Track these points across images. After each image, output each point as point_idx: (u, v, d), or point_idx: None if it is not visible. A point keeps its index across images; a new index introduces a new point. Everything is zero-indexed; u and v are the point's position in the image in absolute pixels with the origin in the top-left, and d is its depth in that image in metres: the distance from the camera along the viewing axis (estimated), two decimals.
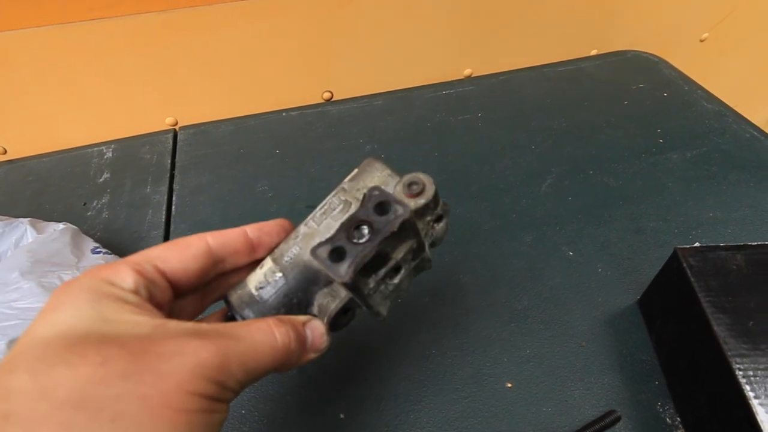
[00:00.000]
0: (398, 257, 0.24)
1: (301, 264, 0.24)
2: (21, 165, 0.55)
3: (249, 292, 0.24)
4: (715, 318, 0.29)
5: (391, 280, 0.25)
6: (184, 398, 0.17)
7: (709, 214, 0.46)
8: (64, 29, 0.49)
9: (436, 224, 0.26)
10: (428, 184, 0.24)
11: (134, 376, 0.17)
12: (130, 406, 0.16)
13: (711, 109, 0.59)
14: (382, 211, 0.23)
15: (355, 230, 0.22)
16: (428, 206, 0.24)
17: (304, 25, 0.57)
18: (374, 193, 0.23)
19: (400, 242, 0.24)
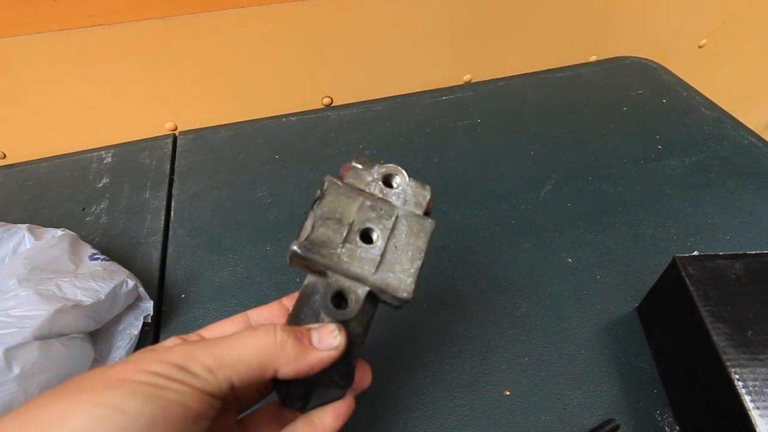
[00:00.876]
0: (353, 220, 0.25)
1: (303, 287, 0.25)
2: (20, 170, 0.55)
3: None
4: (714, 327, 0.29)
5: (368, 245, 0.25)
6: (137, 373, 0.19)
7: (708, 220, 0.46)
8: (64, 35, 0.49)
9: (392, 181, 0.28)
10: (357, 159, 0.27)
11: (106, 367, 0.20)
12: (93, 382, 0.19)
13: (709, 115, 0.59)
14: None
15: None
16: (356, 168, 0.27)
17: (303, 31, 0.57)
18: None
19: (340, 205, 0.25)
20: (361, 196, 0.25)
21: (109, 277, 0.36)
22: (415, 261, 0.25)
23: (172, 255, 0.45)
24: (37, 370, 0.30)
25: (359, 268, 0.24)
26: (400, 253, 0.25)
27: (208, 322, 0.38)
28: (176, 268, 0.44)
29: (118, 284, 0.36)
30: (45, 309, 0.31)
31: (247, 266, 0.44)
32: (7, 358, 0.29)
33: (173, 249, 0.46)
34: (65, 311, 0.32)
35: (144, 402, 0.18)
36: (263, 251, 0.45)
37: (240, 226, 0.47)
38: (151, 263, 0.44)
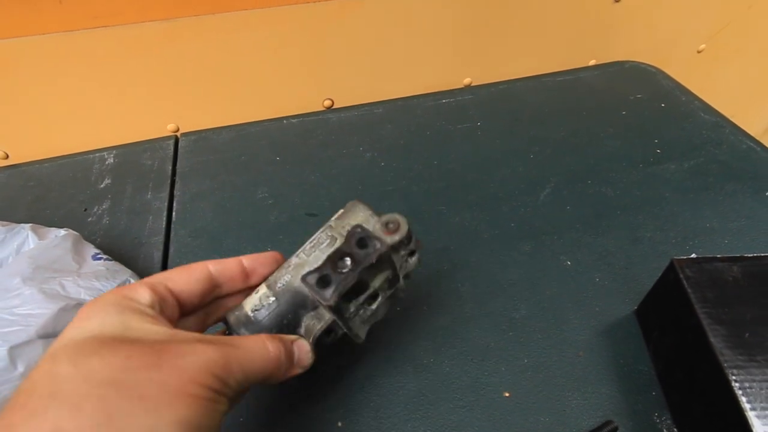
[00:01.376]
0: (376, 285, 0.29)
1: (292, 290, 0.28)
2: (22, 170, 0.55)
3: (245, 314, 0.27)
4: (712, 329, 0.30)
5: (369, 306, 0.30)
6: (195, 387, 0.21)
7: (706, 224, 0.46)
8: (68, 37, 0.49)
9: (410, 258, 0.31)
10: (402, 223, 0.28)
11: (155, 367, 0.21)
12: (152, 390, 0.20)
13: (708, 119, 0.59)
14: (362, 245, 0.27)
15: (340, 261, 0.27)
16: (402, 242, 0.29)
17: (305, 34, 0.58)
18: (356, 230, 0.27)
19: (377, 272, 0.28)
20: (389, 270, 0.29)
21: (112, 277, 0.36)
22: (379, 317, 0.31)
23: (173, 255, 0.45)
24: None
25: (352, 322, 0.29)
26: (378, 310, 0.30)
27: None
28: None
29: (121, 283, 0.36)
30: (49, 307, 0.31)
31: None
32: (11, 356, 0.29)
33: (175, 249, 0.46)
34: (69, 310, 0.32)
35: (202, 415, 0.21)
36: None
37: (241, 227, 0.48)
38: (152, 263, 0.44)
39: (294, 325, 0.28)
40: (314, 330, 0.28)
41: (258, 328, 0.27)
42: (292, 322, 0.28)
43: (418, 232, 0.46)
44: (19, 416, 0.19)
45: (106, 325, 0.22)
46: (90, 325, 0.22)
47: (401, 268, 0.30)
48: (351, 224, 0.29)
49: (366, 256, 0.27)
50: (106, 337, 0.22)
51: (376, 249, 0.27)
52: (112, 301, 0.24)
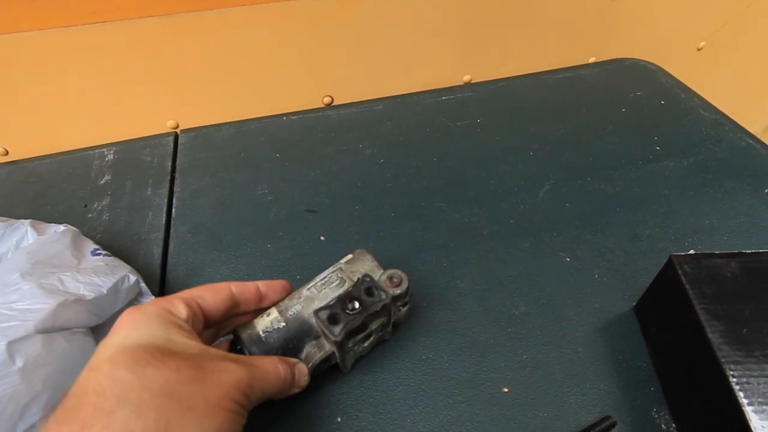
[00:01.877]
0: (373, 328, 0.34)
1: (301, 319, 0.32)
2: (22, 166, 0.55)
3: (257, 333, 0.31)
4: (710, 325, 0.30)
5: (362, 344, 0.34)
6: (229, 402, 0.25)
7: (705, 221, 0.46)
8: (67, 32, 0.49)
9: (402, 308, 0.36)
10: (404, 279, 0.33)
11: (199, 382, 0.24)
12: (198, 402, 0.24)
13: (708, 117, 0.59)
14: (370, 293, 0.32)
15: (349, 303, 0.32)
16: (402, 295, 0.34)
17: (305, 30, 0.58)
18: (366, 279, 0.33)
19: (376, 318, 0.33)
20: (386, 317, 0.34)
21: (111, 272, 0.36)
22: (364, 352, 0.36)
23: (173, 252, 0.45)
24: (40, 363, 0.30)
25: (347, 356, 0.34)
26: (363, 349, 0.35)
27: None
28: (178, 264, 0.44)
29: (120, 279, 0.36)
30: (48, 303, 0.31)
31: (247, 263, 0.44)
32: (9, 351, 0.29)
33: (174, 246, 0.46)
34: (68, 305, 0.32)
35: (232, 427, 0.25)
36: (264, 249, 0.45)
37: (241, 224, 0.48)
38: (152, 260, 0.44)
39: (297, 349, 0.32)
40: (314, 357, 0.32)
41: (266, 348, 0.31)
42: (296, 347, 0.32)
43: (417, 228, 0.46)
44: (93, 415, 0.21)
45: (153, 336, 0.25)
46: (138, 334, 0.25)
47: (393, 315, 0.35)
48: (360, 272, 0.34)
49: (372, 304, 0.32)
50: (153, 347, 0.25)
51: (381, 299, 0.32)
52: (155, 313, 0.27)
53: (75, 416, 0.21)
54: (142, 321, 0.26)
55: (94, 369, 0.24)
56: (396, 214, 0.48)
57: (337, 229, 0.47)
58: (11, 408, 0.28)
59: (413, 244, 0.45)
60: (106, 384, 0.22)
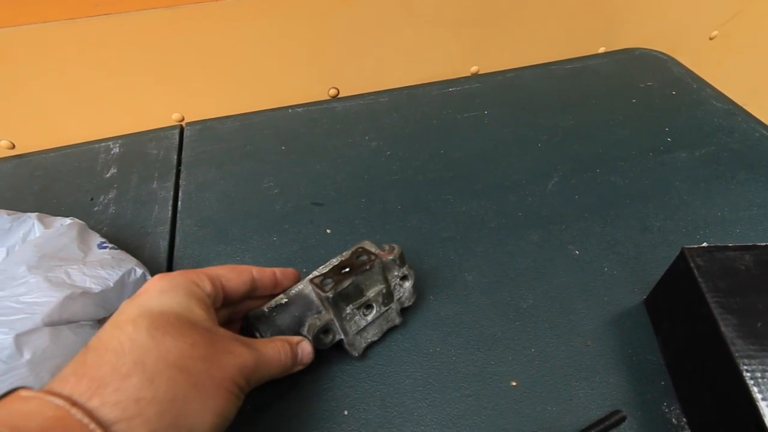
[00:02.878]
0: (370, 296, 0.34)
1: (302, 294, 0.34)
2: (29, 160, 0.55)
3: (263, 311, 0.33)
4: (723, 319, 0.29)
5: (364, 316, 0.35)
6: (231, 384, 0.26)
7: (717, 213, 0.45)
8: (71, 25, 0.49)
9: (403, 282, 0.37)
10: (397, 247, 0.36)
11: (209, 360, 0.26)
12: (205, 380, 0.25)
13: (720, 107, 0.58)
14: (359, 256, 0.34)
15: (342, 270, 0.33)
16: (395, 261, 0.35)
17: (310, 22, 0.57)
18: (358, 249, 0.35)
19: (371, 283, 0.34)
20: (382, 284, 0.35)
21: (117, 265, 0.36)
22: (374, 337, 0.36)
23: (179, 245, 0.45)
24: (48, 356, 0.30)
25: (349, 326, 0.34)
26: (373, 327, 0.36)
27: None
28: (184, 257, 0.44)
29: (127, 272, 0.36)
30: (54, 295, 0.31)
31: (253, 256, 0.44)
32: (17, 344, 0.29)
33: (181, 239, 0.46)
34: (74, 298, 0.32)
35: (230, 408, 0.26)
36: (270, 241, 0.45)
37: (247, 217, 0.47)
38: (159, 253, 0.44)
39: (299, 323, 0.33)
40: (315, 327, 0.33)
41: (271, 322, 0.33)
42: (298, 320, 0.33)
43: (424, 221, 0.46)
44: (109, 375, 0.23)
45: (176, 305, 0.27)
46: (163, 299, 0.27)
47: (395, 290, 0.36)
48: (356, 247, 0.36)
49: (361, 264, 0.33)
50: (174, 315, 0.26)
51: (370, 259, 0.34)
52: (182, 283, 0.28)
53: (94, 372, 0.23)
54: (169, 287, 0.27)
55: (117, 327, 0.25)
56: (402, 206, 0.48)
57: (343, 221, 0.46)
58: None
59: (420, 236, 0.45)
60: (127, 346, 0.24)
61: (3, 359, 0.29)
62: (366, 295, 0.34)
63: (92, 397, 0.22)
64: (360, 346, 0.35)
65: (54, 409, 0.21)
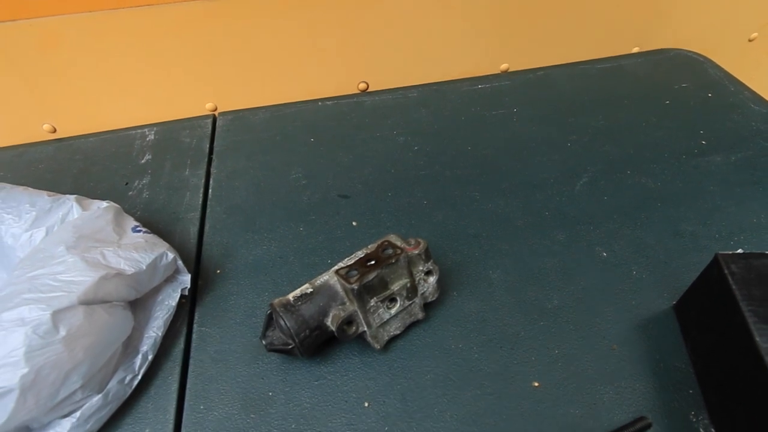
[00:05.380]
0: (395, 290, 0.35)
1: (327, 285, 0.34)
2: (69, 144, 0.57)
3: (288, 299, 0.34)
4: (758, 328, 0.28)
5: (387, 309, 0.35)
6: None
7: (753, 219, 0.44)
8: (115, 14, 0.50)
9: (428, 277, 0.37)
10: (423, 242, 0.36)
11: None
12: None
13: (758, 111, 0.56)
14: (385, 249, 0.35)
15: (368, 263, 0.34)
16: (420, 256, 0.36)
17: (341, 16, 0.57)
18: (384, 243, 0.35)
19: (396, 277, 0.35)
20: (407, 278, 0.35)
21: (150, 249, 0.37)
22: (397, 330, 0.36)
23: (209, 231, 0.46)
24: (82, 333, 0.31)
25: (373, 318, 0.35)
26: (396, 321, 0.36)
27: (241, 299, 0.40)
28: (212, 244, 0.45)
29: (159, 256, 0.37)
30: (90, 275, 0.32)
31: (280, 245, 0.44)
32: (54, 320, 0.30)
33: (210, 225, 0.47)
34: (109, 279, 0.33)
35: None
36: (296, 231, 0.46)
37: (275, 206, 0.48)
38: (188, 238, 0.45)
39: (323, 313, 0.33)
40: (339, 318, 0.33)
41: (294, 311, 0.33)
42: (322, 310, 0.33)
43: (449, 217, 0.46)
44: None
45: None
46: None
47: (419, 285, 0.36)
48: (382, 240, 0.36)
49: (387, 257, 0.34)
50: None
51: (396, 254, 0.34)
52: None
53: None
54: None
55: None
56: (428, 201, 0.48)
57: (369, 214, 0.47)
58: (54, 374, 0.29)
59: (445, 232, 0.45)
60: None
61: (40, 334, 0.30)
62: (390, 289, 0.34)
63: None
64: (382, 339, 0.36)
65: None
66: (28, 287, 0.32)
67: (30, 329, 0.29)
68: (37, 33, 0.50)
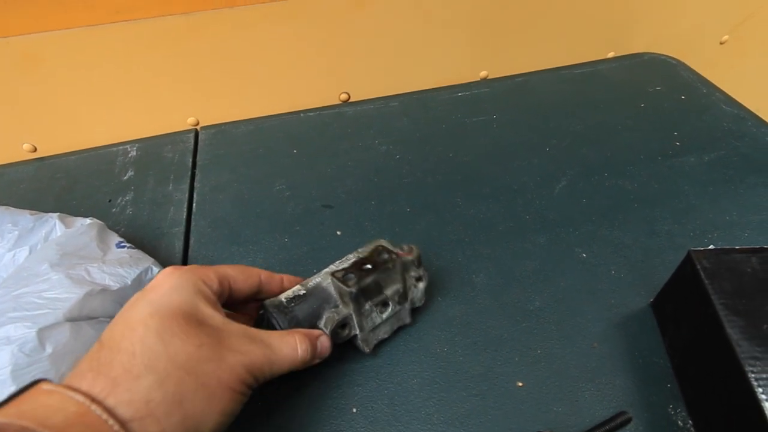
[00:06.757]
0: (388, 294, 0.35)
1: (320, 287, 0.34)
2: (50, 163, 0.57)
3: (280, 300, 0.33)
4: (729, 320, 0.29)
5: (380, 313, 0.35)
6: (238, 383, 0.27)
7: (726, 217, 0.45)
8: (92, 31, 0.51)
9: (418, 283, 0.37)
10: (416, 249, 0.36)
11: (216, 361, 0.26)
12: (212, 381, 0.26)
13: (730, 112, 0.58)
14: (380, 254, 0.35)
15: (363, 266, 0.34)
16: (413, 262, 0.36)
17: (322, 28, 0.58)
18: (379, 247, 0.35)
19: (390, 282, 0.35)
20: (400, 283, 0.36)
21: (135, 264, 0.37)
22: (385, 335, 0.37)
23: (194, 245, 0.46)
24: (68, 350, 0.31)
25: (365, 322, 0.35)
26: (386, 325, 0.36)
27: None
28: (198, 257, 0.45)
29: (144, 271, 0.37)
30: (75, 292, 0.33)
31: (265, 257, 0.45)
32: (40, 338, 0.30)
33: (195, 240, 0.47)
34: (94, 295, 0.33)
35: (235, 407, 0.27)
36: (281, 243, 0.46)
37: (259, 219, 0.49)
38: (174, 253, 0.45)
39: (317, 316, 0.33)
40: (333, 321, 0.33)
41: (288, 313, 0.33)
42: (316, 312, 0.33)
43: (432, 224, 0.46)
44: (122, 376, 0.24)
45: (185, 303, 0.27)
46: (174, 297, 0.27)
47: (410, 290, 0.37)
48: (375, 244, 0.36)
49: (384, 262, 0.34)
50: (183, 314, 0.27)
51: (393, 258, 0.34)
52: (193, 280, 0.29)
53: (108, 372, 0.24)
54: (179, 284, 0.28)
55: (129, 327, 0.26)
56: (411, 209, 0.48)
57: (352, 224, 0.47)
58: None
59: (429, 238, 0.45)
60: (138, 349, 0.25)
61: (26, 352, 0.30)
62: (384, 293, 0.35)
63: (108, 396, 0.23)
64: (372, 343, 0.36)
65: (76, 405, 0.22)
66: (13, 306, 0.32)
67: (16, 347, 0.29)
68: (15, 52, 0.50)
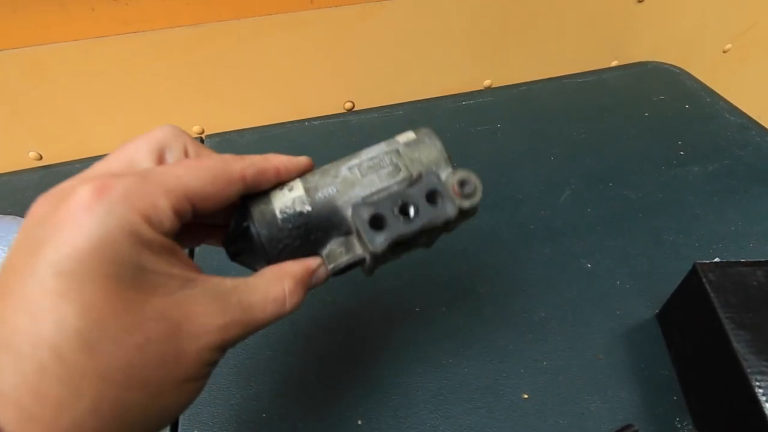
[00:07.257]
0: (420, 242, 0.25)
1: (332, 206, 0.23)
2: (56, 171, 0.57)
3: (272, 212, 0.23)
4: (735, 334, 0.29)
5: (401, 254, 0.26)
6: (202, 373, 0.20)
7: (731, 227, 0.45)
8: (99, 42, 0.51)
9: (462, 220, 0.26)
10: (479, 189, 0.24)
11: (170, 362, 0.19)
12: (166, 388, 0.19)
13: (734, 121, 0.58)
14: (432, 200, 0.23)
15: (401, 205, 0.23)
16: (470, 212, 0.25)
17: (326, 38, 0.58)
18: (431, 179, 0.23)
19: (431, 232, 0.24)
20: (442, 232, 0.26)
21: None
22: None
23: (198, 256, 0.46)
24: None
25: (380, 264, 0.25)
26: None
27: None
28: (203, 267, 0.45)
29: None
30: None
31: None
32: None
33: (199, 250, 0.47)
34: None
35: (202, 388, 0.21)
36: None
37: None
38: None
39: (319, 243, 0.24)
40: (338, 260, 0.24)
41: (280, 234, 0.23)
42: (319, 239, 0.24)
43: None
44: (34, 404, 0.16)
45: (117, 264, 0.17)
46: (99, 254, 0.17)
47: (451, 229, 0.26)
48: (423, 162, 0.25)
49: (433, 217, 0.23)
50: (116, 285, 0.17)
51: (447, 214, 0.23)
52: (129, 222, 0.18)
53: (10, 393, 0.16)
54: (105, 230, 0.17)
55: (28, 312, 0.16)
56: None
57: None
58: None
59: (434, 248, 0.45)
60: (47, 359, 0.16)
61: None
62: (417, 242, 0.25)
63: None
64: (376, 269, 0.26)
65: None
66: None
67: None
68: (23, 62, 0.51)
